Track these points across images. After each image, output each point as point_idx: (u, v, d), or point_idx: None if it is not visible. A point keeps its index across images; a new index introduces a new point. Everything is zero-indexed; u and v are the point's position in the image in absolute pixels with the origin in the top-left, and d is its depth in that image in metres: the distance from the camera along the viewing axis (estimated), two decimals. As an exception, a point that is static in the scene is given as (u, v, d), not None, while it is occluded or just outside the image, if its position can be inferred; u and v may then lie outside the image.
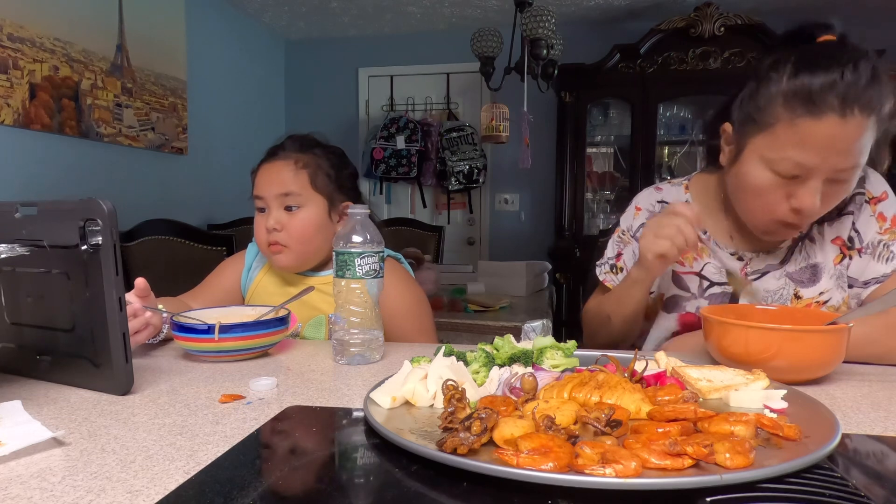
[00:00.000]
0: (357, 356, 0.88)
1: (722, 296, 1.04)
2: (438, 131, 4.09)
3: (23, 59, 2.32)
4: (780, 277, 1.02)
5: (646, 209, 1.15)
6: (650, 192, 1.16)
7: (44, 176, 2.46)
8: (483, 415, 0.52)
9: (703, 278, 1.06)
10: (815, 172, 0.85)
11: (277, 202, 1.14)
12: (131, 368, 0.72)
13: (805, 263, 1.01)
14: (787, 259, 1.02)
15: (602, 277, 1.17)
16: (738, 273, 1.04)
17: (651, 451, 0.47)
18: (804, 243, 1.02)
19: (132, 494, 0.46)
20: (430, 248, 3.40)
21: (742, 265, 1.04)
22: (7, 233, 0.77)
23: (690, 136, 3.71)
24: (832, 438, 0.50)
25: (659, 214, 0.96)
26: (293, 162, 1.15)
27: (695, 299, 1.06)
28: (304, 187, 1.14)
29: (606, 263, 1.17)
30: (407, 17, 3.90)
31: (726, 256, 1.05)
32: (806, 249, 1.02)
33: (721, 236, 1.06)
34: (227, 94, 3.73)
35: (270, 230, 1.13)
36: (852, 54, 0.84)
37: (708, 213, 1.06)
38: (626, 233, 1.15)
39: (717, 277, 1.05)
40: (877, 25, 3.47)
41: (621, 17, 3.82)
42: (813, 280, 1.00)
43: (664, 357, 0.75)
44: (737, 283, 1.01)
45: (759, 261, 1.04)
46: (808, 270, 1.01)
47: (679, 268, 1.07)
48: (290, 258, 1.15)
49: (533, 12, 2.50)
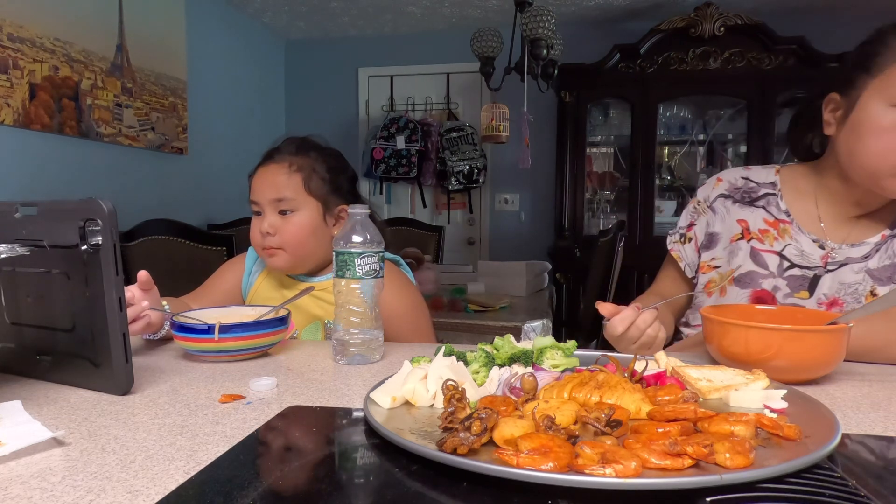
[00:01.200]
0: (357, 356, 0.88)
1: (801, 279, 1.02)
2: (438, 131, 4.09)
3: (23, 59, 2.32)
4: (859, 272, 1.00)
5: (728, 181, 1.13)
6: (736, 169, 1.15)
7: (44, 176, 2.46)
8: (483, 415, 0.52)
9: (783, 258, 1.04)
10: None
11: (272, 207, 1.15)
12: (131, 368, 0.72)
13: (889, 262, 0.99)
14: (871, 255, 1.00)
15: (670, 247, 1.17)
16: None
17: (651, 451, 0.47)
18: (892, 241, 1.00)
19: (132, 494, 0.46)
20: (430, 248, 3.40)
21: (823, 253, 1.02)
22: (7, 233, 0.77)
23: (690, 136, 3.71)
24: (832, 438, 0.50)
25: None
26: (287, 165, 1.15)
27: (773, 277, 1.04)
28: (298, 192, 1.15)
29: (677, 233, 1.17)
30: (407, 17, 3.90)
31: (808, 242, 1.03)
32: (892, 248, 1.00)
33: (807, 222, 1.05)
34: (227, 94, 3.73)
35: (265, 234, 1.14)
36: None
37: (797, 196, 1.06)
38: (703, 203, 1.14)
39: (797, 259, 1.03)
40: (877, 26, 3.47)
41: (621, 17, 3.82)
42: (894, 279, 0.98)
43: (664, 357, 0.75)
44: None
45: (841, 251, 1.01)
46: (889, 269, 0.99)
47: (759, 245, 1.06)
48: (284, 260, 1.16)
49: (533, 12, 2.50)
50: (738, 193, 1.11)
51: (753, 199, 1.09)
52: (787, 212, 1.06)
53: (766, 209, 1.08)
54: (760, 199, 1.09)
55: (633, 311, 0.89)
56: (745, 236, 1.07)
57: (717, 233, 1.11)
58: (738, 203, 1.10)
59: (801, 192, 1.07)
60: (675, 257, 1.15)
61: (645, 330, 0.89)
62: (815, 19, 3.57)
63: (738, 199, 1.10)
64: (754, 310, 0.90)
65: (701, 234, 1.13)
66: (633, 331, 0.89)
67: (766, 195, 1.09)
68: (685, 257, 1.15)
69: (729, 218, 1.10)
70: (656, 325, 0.90)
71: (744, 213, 1.09)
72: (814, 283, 1.02)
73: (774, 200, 1.08)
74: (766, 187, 1.10)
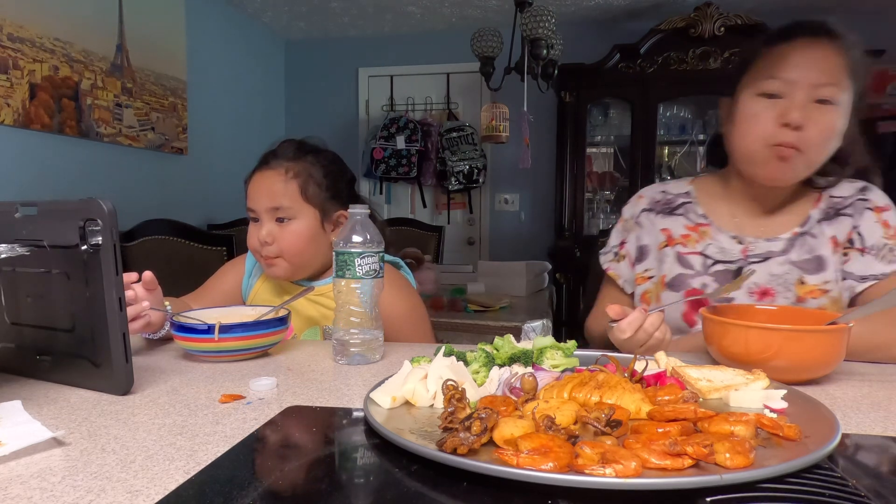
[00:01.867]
0: (357, 356, 0.88)
1: (726, 273, 1.07)
2: (438, 131, 4.09)
3: (23, 59, 2.32)
4: (783, 263, 1.05)
5: (648, 196, 1.20)
6: (653, 185, 1.23)
7: (44, 176, 2.46)
8: (483, 415, 0.52)
9: (706, 257, 1.10)
10: (798, 86, 0.96)
11: (269, 215, 1.13)
12: (131, 368, 0.72)
13: (810, 255, 1.05)
14: (789, 250, 1.06)
15: (605, 266, 1.22)
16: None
17: (651, 451, 0.47)
18: (804, 238, 1.06)
19: (132, 494, 0.46)
20: (430, 248, 3.40)
21: (742, 247, 1.08)
22: (7, 233, 0.77)
23: (690, 136, 3.70)
24: (832, 438, 0.50)
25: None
26: (284, 172, 1.14)
27: (700, 276, 1.08)
28: (295, 199, 1.13)
29: (611, 252, 1.22)
30: (407, 17, 3.90)
31: (726, 239, 1.09)
32: (808, 243, 1.06)
33: (724, 222, 1.12)
34: (227, 94, 3.73)
35: (262, 243, 1.13)
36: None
37: (711, 200, 1.14)
38: (629, 220, 1.21)
39: (719, 256, 1.09)
40: (877, 25, 3.47)
41: (621, 17, 3.82)
42: (818, 269, 1.04)
43: (664, 357, 0.75)
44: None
45: (759, 246, 1.07)
46: (813, 261, 1.04)
47: (682, 248, 1.11)
48: (283, 270, 1.15)
49: (533, 12, 2.50)
50: (658, 206, 1.18)
51: (673, 208, 1.17)
52: (703, 215, 1.14)
53: (686, 216, 1.15)
54: (679, 208, 1.16)
55: (641, 313, 0.89)
56: (670, 243, 1.14)
57: (646, 245, 1.17)
58: (660, 214, 1.17)
59: (714, 197, 1.15)
60: (613, 276, 1.20)
61: (653, 333, 0.90)
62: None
63: (660, 211, 1.17)
64: (754, 310, 0.90)
65: (633, 249, 1.19)
66: (640, 334, 0.89)
67: (683, 203, 1.16)
68: (622, 275, 1.19)
69: (654, 229, 1.16)
70: (663, 327, 0.91)
71: (666, 222, 1.16)
72: (737, 275, 1.07)
73: (692, 207, 1.15)
74: (682, 197, 1.17)
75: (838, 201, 1.07)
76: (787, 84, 0.97)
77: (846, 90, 0.97)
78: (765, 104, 0.99)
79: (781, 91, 0.97)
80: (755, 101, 1.00)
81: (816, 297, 1.02)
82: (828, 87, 0.95)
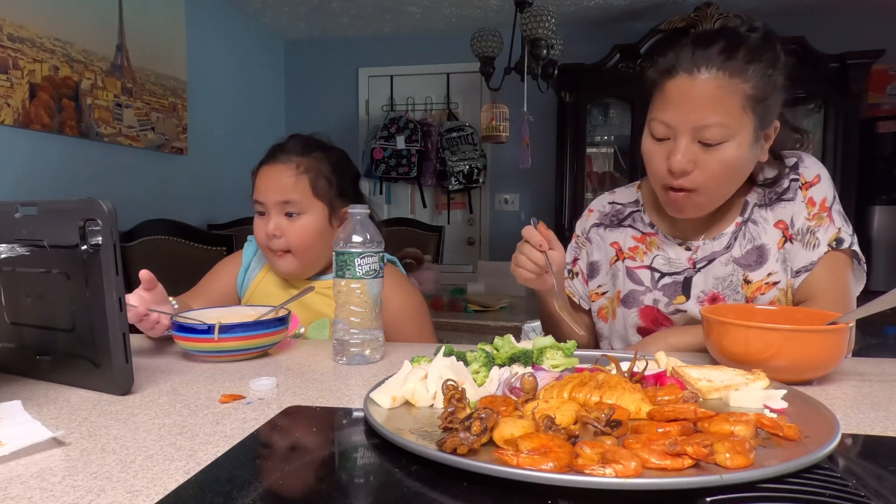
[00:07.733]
0: (357, 356, 0.88)
1: (674, 285, 1.06)
2: (438, 131, 4.08)
3: (23, 59, 2.32)
4: (727, 263, 1.03)
5: (598, 210, 1.19)
6: (603, 196, 1.21)
7: (44, 176, 2.46)
8: (483, 415, 0.52)
9: (654, 270, 1.08)
10: (679, 130, 0.91)
11: (278, 208, 1.13)
12: (131, 368, 0.72)
13: (750, 246, 1.02)
14: (732, 244, 1.04)
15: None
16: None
17: (651, 451, 0.47)
18: (747, 227, 1.03)
19: (132, 494, 0.46)
20: (430, 248, 3.40)
21: (689, 254, 1.06)
22: (7, 233, 0.77)
23: (690, 136, 3.70)
24: (832, 438, 0.50)
25: (518, 244, 1.00)
26: (294, 166, 1.13)
27: (650, 292, 1.08)
28: (305, 195, 1.13)
29: (565, 269, 1.19)
30: (407, 17, 3.90)
31: (673, 248, 1.08)
32: (750, 232, 1.03)
33: (670, 229, 1.10)
34: (227, 94, 3.73)
35: (270, 236, 1.13)
36: (715, 33, 0.94)
37: (657, 206, 1.10)
38: (581, 236, 1.20)
39: (666, 268, 1.07)
40: (876, 25, 3.47)
41: (621, 17, 3.82)
42: (760, 262, 1.01)
43: (664, 357, 0.75)
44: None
45: (705, 248, 1.05)
46: (753, 253, 1.02)
47: (631, 263, 1.10)
48: (293, 265, 1.15)
49: (533, 12, 2.50)
50: (606, 219, 1.17)
51: (621, 219, 1.15)
52: (651, 224, 1.11)
53: (633, 227, 1.13)
54: (627, 219, 1.14)
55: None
56: (620, 257, 1.12)
57: (597, 261, 1.16)
58: (608, 228, 1.16)
59: (657, 203, 1.10)
60: (569, 294, 1.19)
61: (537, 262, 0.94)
62: (815, 19, 3.56)
63: (608, 224, 1.16)
64: (754, 309, 0.90)
65: (584, 266, 1.18)
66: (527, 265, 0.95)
67: (632, 213, 1.14)
68: (577, 292, 1.19)
69: (604, 244, 1.15)
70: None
71: (615, 235, 1.14)
72: (686, 286, 1.05)
73: (639, 216, 1.13)
74: (631, 206, 1.15)
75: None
76: (669, 128, 0.92)
77: (742, 123, 0.90)
78: (654, 145, 0.96)
79: (665, 134, 0.93)
80: (648, 140, 0.97)
81: (765, 292, 1.00)
82: (713, 128, 0.88)
